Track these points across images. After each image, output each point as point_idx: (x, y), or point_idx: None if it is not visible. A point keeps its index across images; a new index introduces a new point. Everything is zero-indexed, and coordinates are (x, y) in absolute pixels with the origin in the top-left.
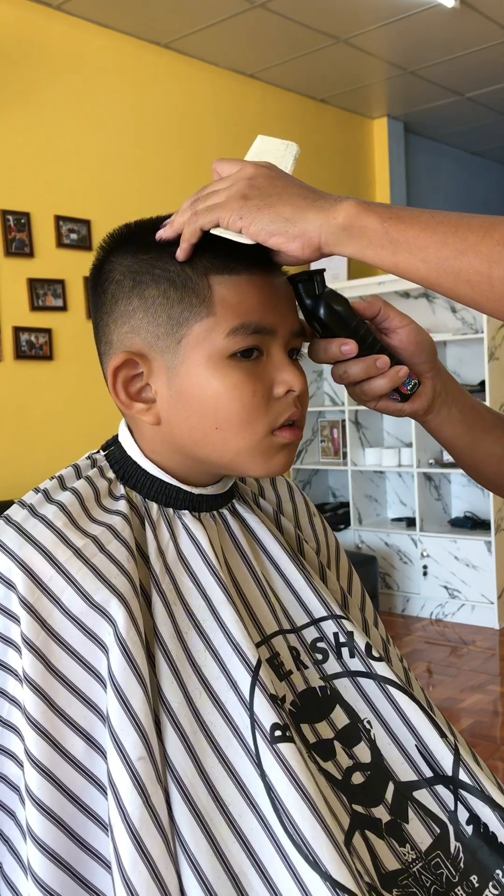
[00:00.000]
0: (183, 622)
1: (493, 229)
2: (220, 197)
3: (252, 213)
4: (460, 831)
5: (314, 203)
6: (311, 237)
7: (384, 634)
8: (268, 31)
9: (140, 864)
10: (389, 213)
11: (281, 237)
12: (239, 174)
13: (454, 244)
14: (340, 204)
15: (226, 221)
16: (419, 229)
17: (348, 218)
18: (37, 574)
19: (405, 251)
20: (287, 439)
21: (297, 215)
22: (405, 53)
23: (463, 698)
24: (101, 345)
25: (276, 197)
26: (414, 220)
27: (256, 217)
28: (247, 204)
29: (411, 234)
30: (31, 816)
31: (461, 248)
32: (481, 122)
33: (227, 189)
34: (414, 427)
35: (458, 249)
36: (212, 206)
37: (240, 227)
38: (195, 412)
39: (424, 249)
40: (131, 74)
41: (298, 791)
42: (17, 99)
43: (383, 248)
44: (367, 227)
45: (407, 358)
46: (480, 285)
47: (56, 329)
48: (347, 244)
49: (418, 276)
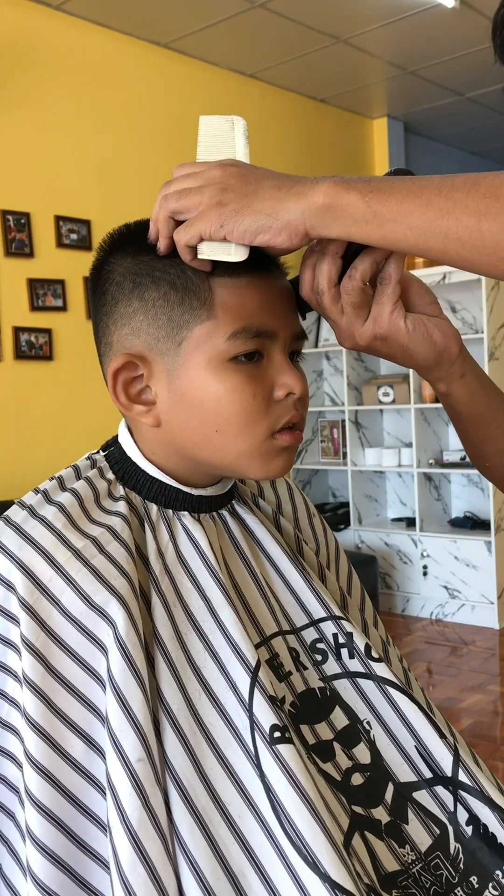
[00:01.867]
0: (182, 623)
1: (478, 184)
2: (193, 201)
3: (232, 217)
4: (460, 832)
5: (291, 190)
6: (295, 226)
7: (384, 635)
8: (268, 31)
9: (139, 865)
10: (369, 186)
11: (266, 234)
12: (208, 177)
13: (439, 204)
14: (318, 186)
15: (207, 233)
16: (401, 196)
17: (328, 198)
18: (36, 575)
19: (390, 222)
20: (287, 442)
21: (277, 207)
22: (405, 53)
23: (463, 698)
24: (101, 345)
25: (251, 195)
26: (395, 189)
27: (237, 220)
28: (224, 210)
29: (394, 202)
30: (31, 817)
31: (447, 207)
32: (481, 122)
33: (199, 195)
34: (414, 427)
35: (444, 209)
36: (190, 221)
37: (223, 234)
38: (195, 415)
39: (409, 216)
40: (131, 74)
41: (297, 792)
42: (17, 99)
43: (368, 224)
44: (348, 205)
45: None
46: (471, 241)
47: (56, 329)
48: (332, 225)
49: (406, 244)
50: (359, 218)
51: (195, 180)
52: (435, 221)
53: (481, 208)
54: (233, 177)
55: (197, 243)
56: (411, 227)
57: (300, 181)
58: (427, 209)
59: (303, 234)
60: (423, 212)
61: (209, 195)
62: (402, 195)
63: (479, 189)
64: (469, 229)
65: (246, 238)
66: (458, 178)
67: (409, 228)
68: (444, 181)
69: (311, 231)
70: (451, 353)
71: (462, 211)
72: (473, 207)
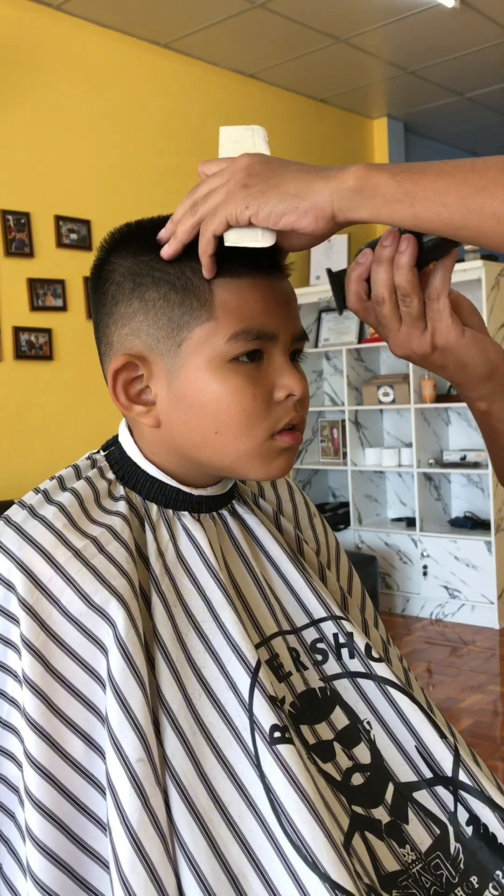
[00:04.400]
0: (182, 623)
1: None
2: (220, 195)
3: (257, 198)
4: (460, 832)
5: (319, 173)
6: (322, 207)
7: (384, 635)
8: (268, 31)
9: (138, 865)
10: (399, 168)
11: (292, 215)
12: (233, 167)
13: (474, 181)
14: (348, 169)
15: (233, 216)
16: (434, 175)
17: (358, 179)
18: (36, 575)
19: (423, 200)
20: (287, 443)
21: (305, 188)
22: (405, 53)
23: (463, 698)
24: (101, 345)
25: (278, 178)
26: (427, 169)
27: (263, 201)
28: (250, 191)
29: (426, 181)
30: (31, 817)
31: (482, 184)
32: (481, 122)
33: (226, 184)
34: (414, 427)
35: (479, 185)
36: (215, 207)
37: (248, 216)
38: (195, 415)
39: (444, 193)
40: (131, 74)
41: (297, 792)
42: (17, 99)
43: (399, 203)
44: (379, 184)
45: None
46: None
47: (56, 329)
48: (361, 207)
49: (441, 222)
50: (390, 198)
51: (222, 177)
52: (470, 198)
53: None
54: (259, 163)
55: (225, 230)
56: (445, 205)
57: (328, 168)
58: (462, 185)
59: (329, 216)
60: (458, 188)
61: (234, 181)
62: (435, 174)
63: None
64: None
65: (271, 220)
66: (490, 158)
67: (443, 206)
68: (475, 160)
69: (339, 214)
70: (502, 370)
71: (497, 187)
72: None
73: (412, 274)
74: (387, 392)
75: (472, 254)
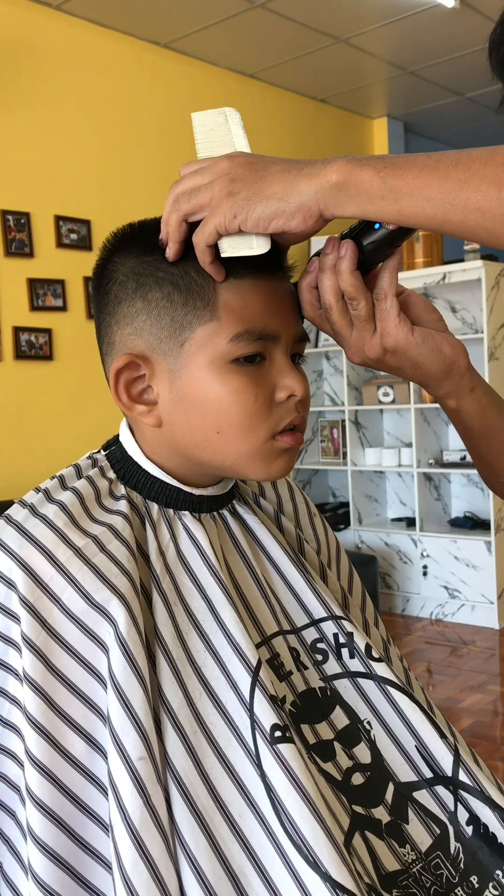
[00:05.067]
0: (183, 622)
1: (496, 154)
2: (204, 196)
3: (244, 206)
4: (460, 832)
5: (301, 172)
6: (309, 206)
7: (384, 635)
8: (268, 31)
9: (140, 864)
10: (383, 162)
11: (280, 219)
12: (215, 170)
13: (457, 175)
14: (330, 165)
15: (223, 226)
16: (417, 170)
17: (341, 176)
18: (37, 573)
19: (407, 196)
20: (288, 444)
21: (289, 189)
22: (405, 53)
23: (463, 698)
24: (103, 345)
25: (260, 182)
26: (410, 164)
27: (250, 209)
28: (235, 199)
29: (410, 176)
30: (32, 816)
31: (465, 178)
32: (481, 122)
33: (209, 187)
34: (414, 427)
35: (462, 179)
36: (205, 219)
37: (237, 225)
38: (196, 415)
39: (426, 188)
40: (131, 74)
41: (298, 792)
42: (17, 99)
43: (384, 199)
44: (363, 181)
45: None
46: (492, 210)
47: (56, 329)
48: (347, 204)
49: (424, 217)
50: (374, 194)
51: (203, 176)
52: (454, 192)
53: (500, 176)
54: (240, 166)
55: (216, 240)
56: (429, 200)
57: (310, 163)
58: (445, 180)
59: (317, 215)
60: (441, 183)
61: (219, 188)
62: (418, 168)
63: (497, 158)
64: (489, 198)
65: (260, 226)
66: (474, 151)
67: (427, 201)
68: (460, 154)
69: (326, 211)
70: (460, 366)
71: (481, 181)
72: (493, 176)
73: (354, 277)
74: (387, 392)
75: (472, 254)
